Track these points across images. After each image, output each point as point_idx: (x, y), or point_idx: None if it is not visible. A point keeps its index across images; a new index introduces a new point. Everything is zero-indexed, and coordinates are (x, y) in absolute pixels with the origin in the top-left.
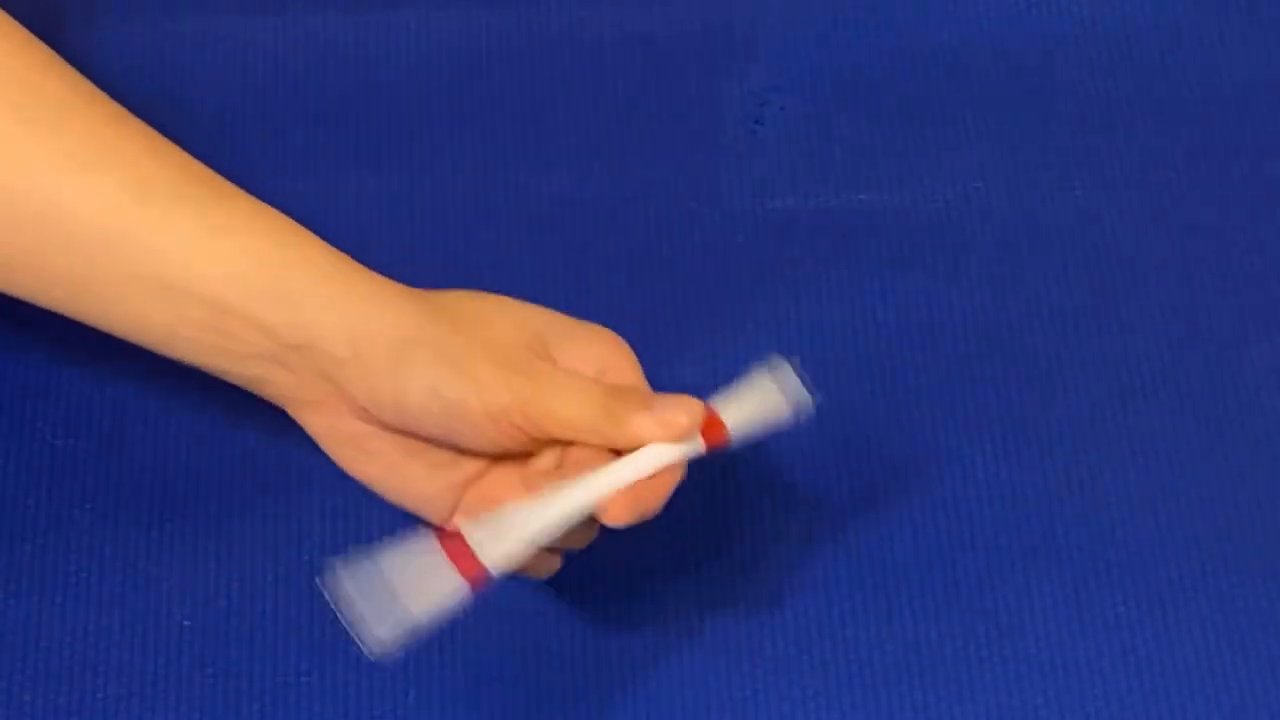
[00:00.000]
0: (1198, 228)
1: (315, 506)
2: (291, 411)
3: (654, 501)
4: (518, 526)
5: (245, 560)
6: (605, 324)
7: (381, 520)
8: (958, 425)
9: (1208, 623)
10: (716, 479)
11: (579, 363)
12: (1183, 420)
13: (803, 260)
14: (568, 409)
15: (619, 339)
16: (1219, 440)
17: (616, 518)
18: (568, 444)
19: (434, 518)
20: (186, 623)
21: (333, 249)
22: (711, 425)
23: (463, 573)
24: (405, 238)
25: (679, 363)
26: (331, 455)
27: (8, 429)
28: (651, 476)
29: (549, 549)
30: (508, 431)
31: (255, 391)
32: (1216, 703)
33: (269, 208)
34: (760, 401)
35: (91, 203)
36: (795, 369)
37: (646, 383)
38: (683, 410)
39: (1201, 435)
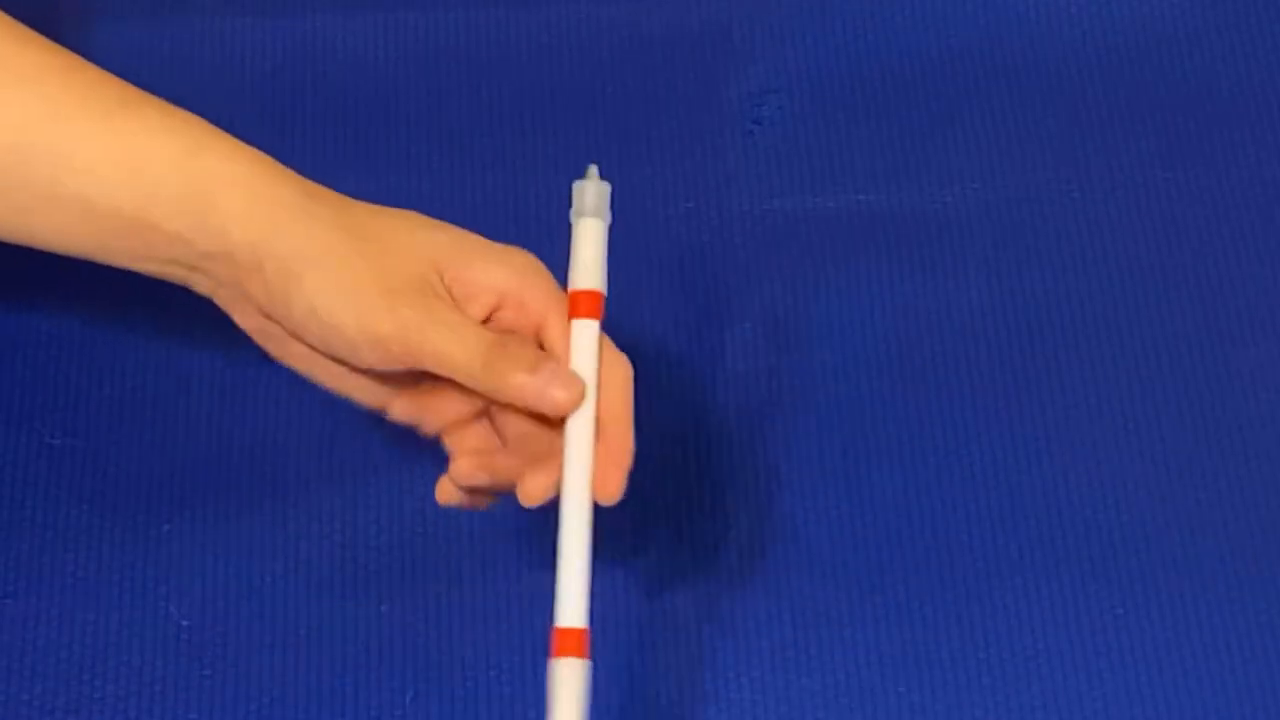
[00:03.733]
0: (1197, 228)
1: (313, 507)
2: (222, 307)
3: (625, 441)
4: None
5: (244, 560)
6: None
7: (379, 522)
8: (957, 425)
9: (1207, 623)
10: (715, 477)
11: (481, 285)
12: (1183, 420)
13: (801, 261)
14: (449, 348)
15: (533, 259)
16: (1218, 440)
17: (611, 493)
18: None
19: (370, 404)
20: (185, 622)
21: (246, 147)
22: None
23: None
24: None
25: (678, 363)
26: (261, 347)
27: (5, 428)
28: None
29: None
30: (387, 359)
31: (187, 287)
32: (1216, 703)
33: (179, 110)
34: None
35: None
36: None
37: (560, 300)
38: (561, 387)
39: (1201, 435)
